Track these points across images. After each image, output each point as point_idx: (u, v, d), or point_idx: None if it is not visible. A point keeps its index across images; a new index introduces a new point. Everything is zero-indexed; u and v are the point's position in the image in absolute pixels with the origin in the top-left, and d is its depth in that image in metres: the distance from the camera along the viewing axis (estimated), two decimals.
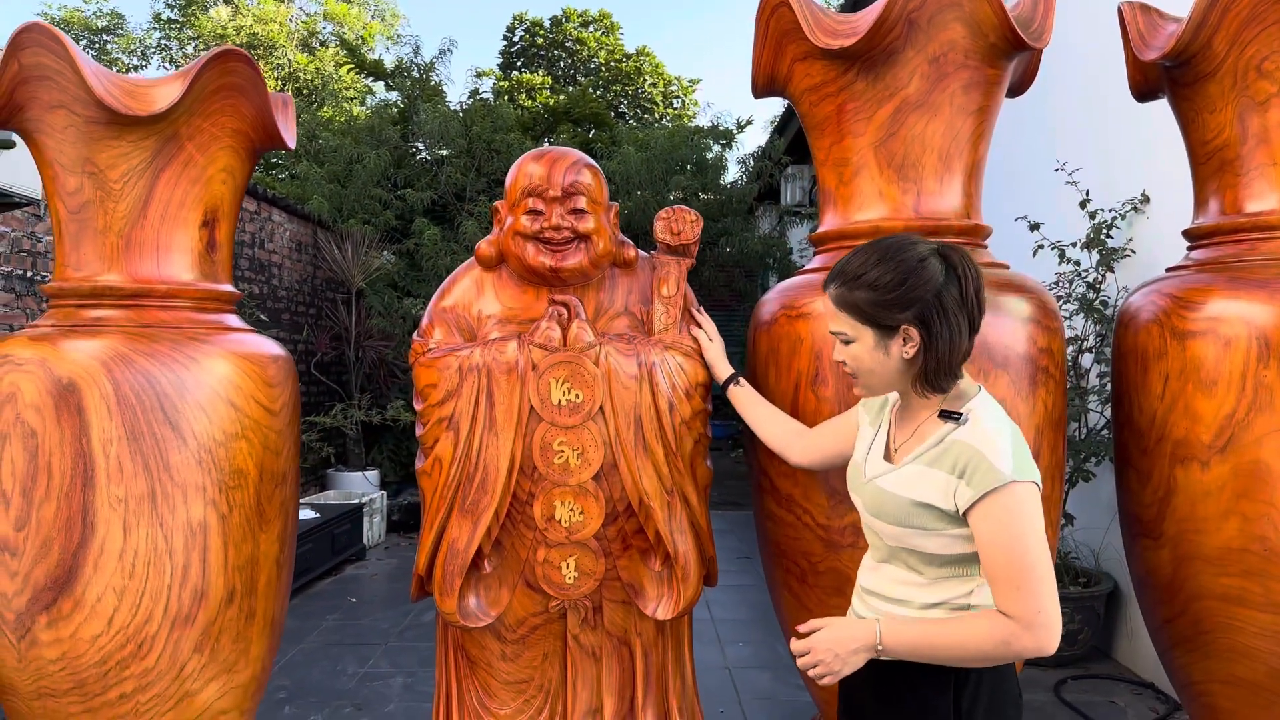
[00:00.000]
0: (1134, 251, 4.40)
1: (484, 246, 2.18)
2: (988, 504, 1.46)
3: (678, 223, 2.18)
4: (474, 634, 2.09)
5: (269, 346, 2.17)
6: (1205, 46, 2.15)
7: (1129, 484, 2.30)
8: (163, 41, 18.69)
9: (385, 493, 7.89)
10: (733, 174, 10.07)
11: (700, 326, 2.18)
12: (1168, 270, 2.37)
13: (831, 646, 1.50)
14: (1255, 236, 2.16)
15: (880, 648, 1.49)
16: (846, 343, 1.60)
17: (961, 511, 1.49)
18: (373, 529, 7.25)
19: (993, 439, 1.49)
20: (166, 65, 19.00)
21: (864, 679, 1.60)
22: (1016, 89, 2.38)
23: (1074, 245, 4.72)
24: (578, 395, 1.99)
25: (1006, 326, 2.07)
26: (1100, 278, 4.61)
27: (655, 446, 2.02)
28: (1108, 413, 4.49)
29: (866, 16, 2.12)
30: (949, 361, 1.53)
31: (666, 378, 2.05)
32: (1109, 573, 4.80)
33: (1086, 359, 4.66)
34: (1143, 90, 2.47)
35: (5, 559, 1.90)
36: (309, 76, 16.85)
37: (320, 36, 18.96)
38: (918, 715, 1.55)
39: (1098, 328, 4.54)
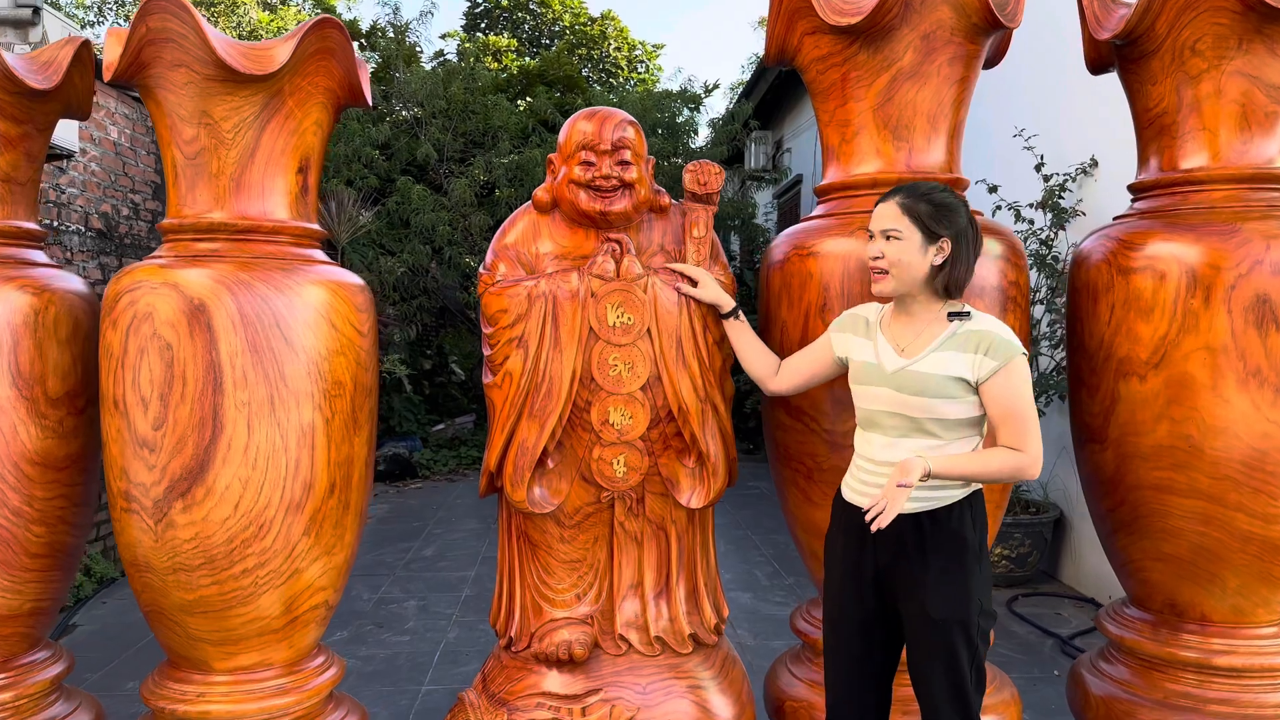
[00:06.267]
0: (1084, 213, 4.86)
1: (540, 194, 2.53)
2: (1006, 370, 2.08)
3: (703, 174, 2.54)
4: (536, 521, 2.47)
5: (354, 278, 2.50)
6: (1149, 28, 2.55)
7: (1080, 398, 2.73)
8: None
9: None
10: (701, 138, 10.41)
11: (688, 275, 2.43)
12: (1115, 219, 2.80)
13: (889, 492, 2.00)
14: (1187, 190, 2.59)
15: (930, 470, 2.02)
16: (894, 240, 2.13)
17: (980, 380, 2.08)
18: None
19: (999, 325, 2.15)
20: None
21: (908, 535, 2.14)
22: (991, 62, 2.78)
23: (1029, 206, 5.18)
24: (629, 318, 2.36)
25: (983, 263, 2.47)
26: (1052, 235, 5.08)
27: (692, 362, 2.40)
28: (1057, 356, 4.98)
29: None
30: (960, 278, 2.15)
31: (701, 305, 2.43)
32: (1055, 503, 5.31)
33: (1038, 309, 5.14)
34: (1096, 64, 2.88)
35: (144, 454, 2.23)
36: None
37: None
38: (959, 547, 2.14)
39: (1049, 281, 5.01)
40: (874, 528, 2.02)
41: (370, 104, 2.55)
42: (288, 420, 2.26)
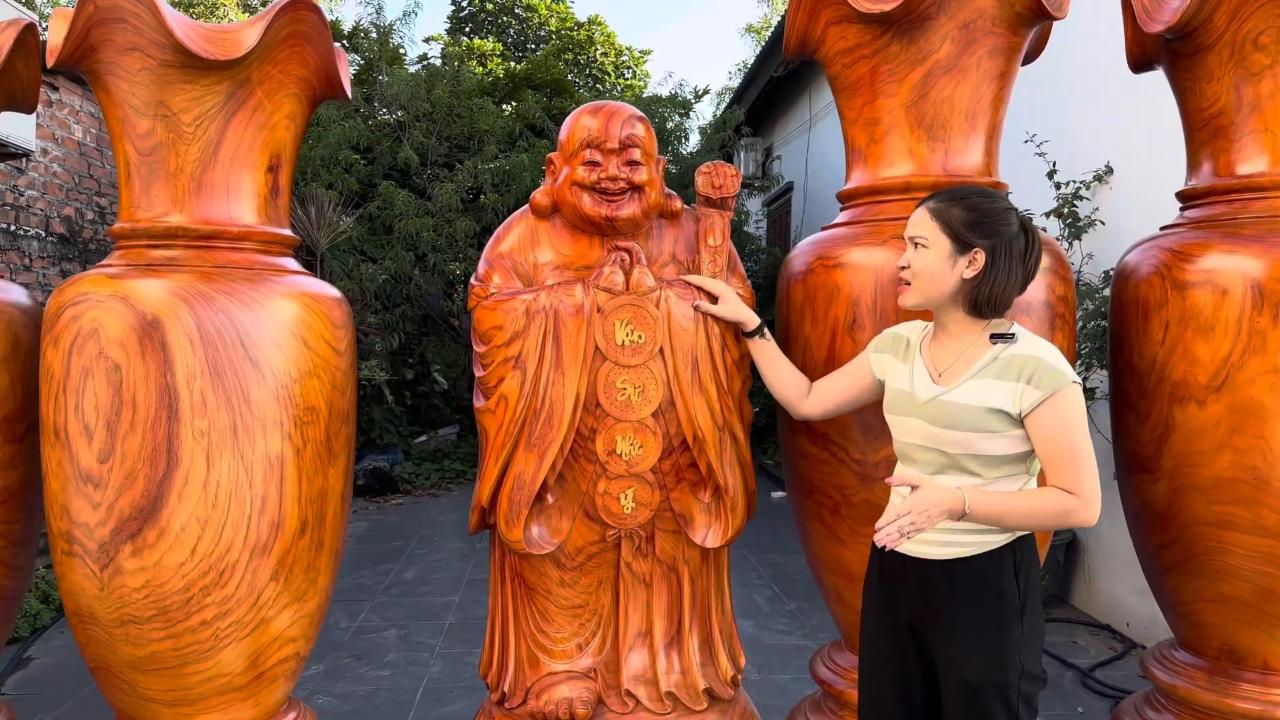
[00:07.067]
0: (1103, 222, 4.65)
1: (539, 196, 2.27)
2: (1053, 401, 1.79)
3: (719, 177, 2.30)
4: (533, 562, 2.21)
5: (330, 290, 2.24)
6: (1207, 20, 2.33)
7: (1127, 424, 2.50)
8: None
9: None
10: (691, 144, 10.17)
11: (706, 289, 2.20)
12: (1162, 228, 2.57)
13: (920, 507, 1.75)
14: (1247, 197, 2.37)
15: (966, 511, 1.76)
16: (920, 248, 1.90)
17: (1024, 413, 1.81)
18: None
19: (1048, 350, 1.86)
20: None
21: (938, 583, 1.88)
22: (1029, 57, 2.55)
23: (1042, 215, 4.96)
24: (640, 336, 2.11)
25: None
26: (1067, 246, 4.86)
27: (709, 385, 2.15)
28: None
29: None
30: (999, 296, 1.87)
31: (719, 321, 2.18)
32: None
33: None
34: (1139, 62, 2.66)
35: (88, 490, 1.96)
36: None
37: None
38: (995, 600, 1.86)
39: None
40: (878, 540, 1.75)
41: (349, 96, 2.29)
42: (253, 451, 2.00)
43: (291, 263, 2.26)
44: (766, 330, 2.24)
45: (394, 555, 6.06)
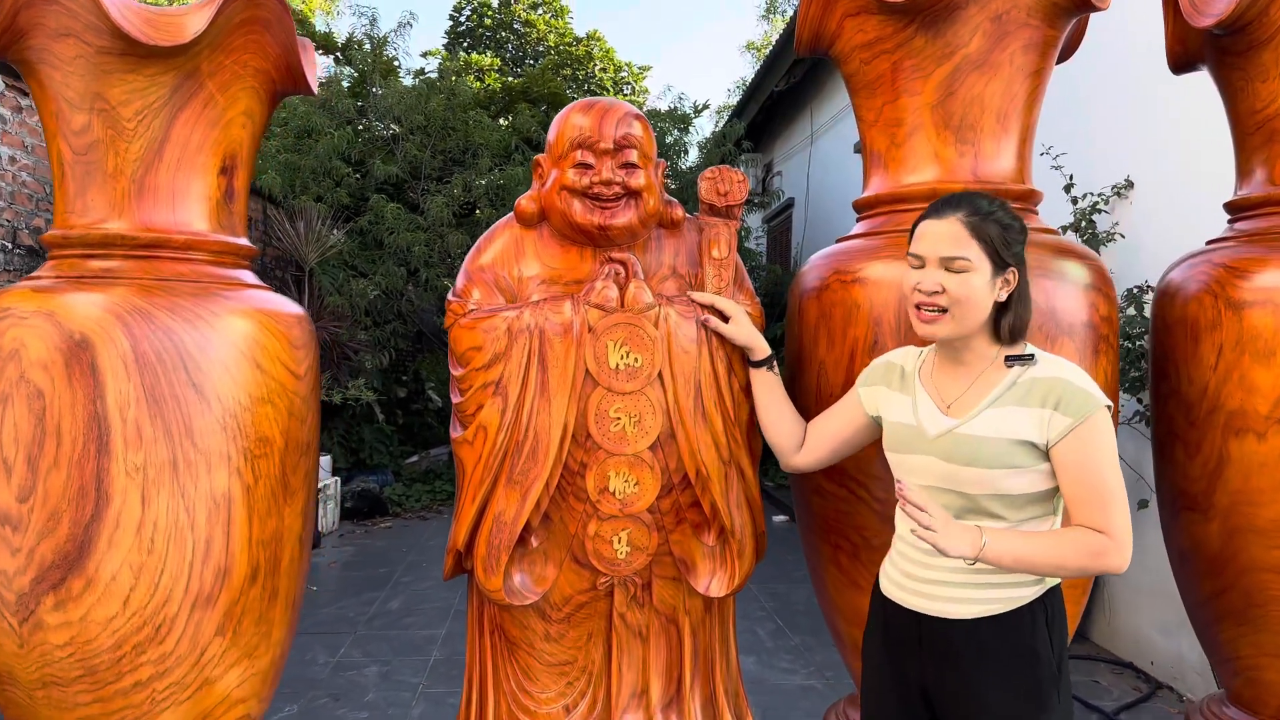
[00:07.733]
0: (1124, 235, 4.43)
1: (524, 203, 2.05)
2: (1083, 429, 1.58)
3: (724, 183, 2.08)
4: (515, 613, 1.97)
5: (291, 306, 2.01)
6: (1262, 13, 2.12)
7: (1173, 457, 2.27)
8: None
9: (338, 479, 7.62)
10: (691, 159, 9.97)
11: (716, 307, 1.97)
12: (1209, 242, 2.35)
13: (943, 523, 1.53)
14: None
15: (983, 550, 1.54)
16: (961, 271, 1.64)
17: (1052, 442, 1.60)
18: (326, 516, 7.00)
19: (1073, 370, 1.65)
20: None
21: (963, 647, 1.65)
22: (1063, 54, 2.33)
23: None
24: (636, 359, 1.87)
25: (1069, 293, 2.02)
26: None
27: (714, 415, 1.92)
28: None
29: None
30: (1026, 318, 1.69)
31: (725, 343, 1.95)
32: None
33: None
34: (1181, 62, 2.45)
35: (6, 533, 1.72)
36: None
37: None
38: (1031, 665, 1.63)
39: None
40: (904, 499, 1.54)
41: (314, 90, 2.07)
42: (195, 489, 1.76)
43: (248, 276, 2.02)
44: (776, 364, 2.00)
45: (379, 583, 5.79)
